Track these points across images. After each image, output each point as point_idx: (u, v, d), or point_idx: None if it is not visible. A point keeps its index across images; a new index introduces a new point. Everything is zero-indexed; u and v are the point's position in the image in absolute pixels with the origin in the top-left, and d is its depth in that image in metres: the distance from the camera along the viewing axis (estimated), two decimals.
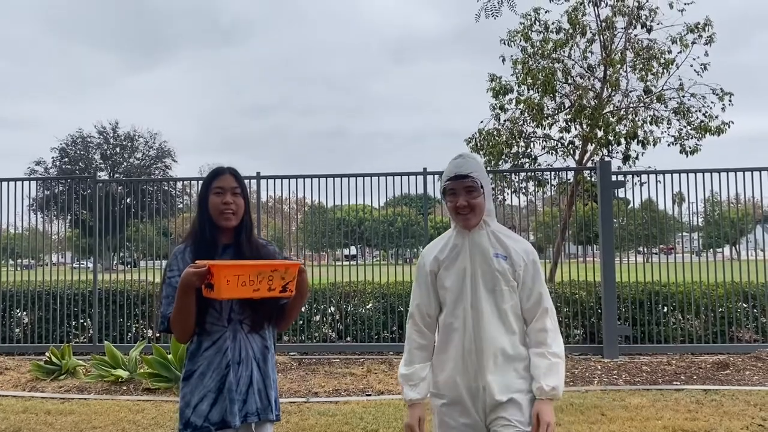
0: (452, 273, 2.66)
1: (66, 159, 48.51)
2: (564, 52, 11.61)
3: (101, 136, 50.10)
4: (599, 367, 7.88)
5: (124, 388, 7.04)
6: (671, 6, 11.33)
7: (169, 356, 7.06)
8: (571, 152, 12.06)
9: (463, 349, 2.60)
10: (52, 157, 48.57)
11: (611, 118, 11.30)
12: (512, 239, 2.70)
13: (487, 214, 2.67)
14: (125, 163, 49.95)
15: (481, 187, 2.63)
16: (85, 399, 6.59)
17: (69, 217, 12.11)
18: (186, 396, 2.60)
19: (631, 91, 11.72)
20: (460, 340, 2.61)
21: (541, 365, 2.56)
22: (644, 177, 9.75)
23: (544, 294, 2.65)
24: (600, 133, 11.27)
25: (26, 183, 10.08)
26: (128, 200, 11.82)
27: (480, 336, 2.59)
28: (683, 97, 11.38)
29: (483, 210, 2.65)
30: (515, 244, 2.68)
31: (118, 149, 50.44)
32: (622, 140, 11.29)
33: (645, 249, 10.58)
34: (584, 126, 11.40)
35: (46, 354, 7.82)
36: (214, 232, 2.66)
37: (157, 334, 9.35)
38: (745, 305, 8.94)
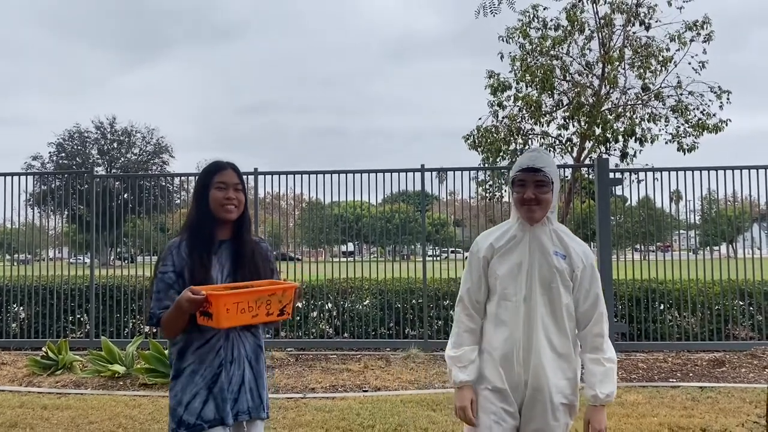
0: (507, 263, 2.65)
1: (63, 154, 48.36)
2: (562, 49, 11.61)
3: (98, 132, 49.95)
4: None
5: (121, 383, 7.04)
6: (670, 4, 11.35)
7: (166, 351, 7.06)
8: (569, 149, 12.07)
9: (512, 341, 2.60)
10: (49, 152, 48.44)
11: (609, 116, 11.31)
12: (573, 240, 2.70)
13: (551, 210, 2.66)
14: (122, 159, 49.81)
15: (552, 183, 2.62)
16: (82, 394, 6.59)
17: (66, 213, 12.09)
18: (177, 394, 2.57)
19: (629, 89, 11.74)
20: (510, 333, 2.61)
21: (597, 372, 2.57)
22: (642, 174, 9.77)
23: (600, 298, 2.65)
24: (598, 131, 11.29)
25: (23, 178, 10.06)
26: (125, 196, 11.78)
27: (530, 331, 2.59)
28: (681, 94, 11.40)
29: (549, 206, 2.64)
30: (576, 245, 2.68)
31: (115, 145, 50.28)
32: (620, 138, 11.31)
33: (642, 246, 10.60)
34: (582, 123, 11.41)
35: (43, 349, 7.81)
36: (213, 226, 2.62)
37: (154, 330, 9.34)
38: (741, 303, 8.96)
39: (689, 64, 11.39)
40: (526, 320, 2.59)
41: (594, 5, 11.48)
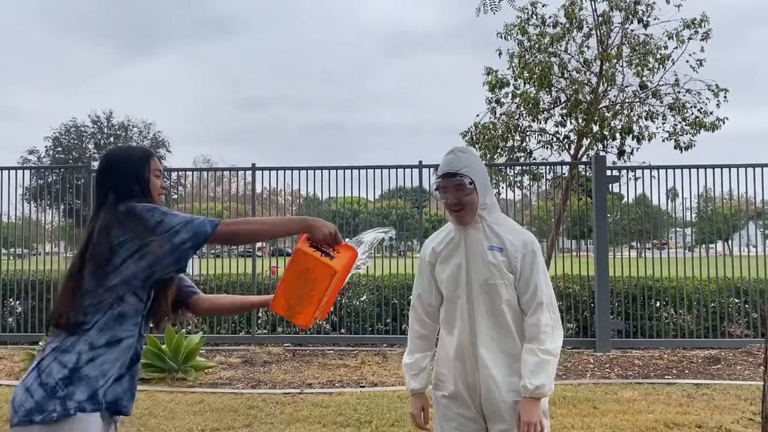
0: (448, 267, 2.65)
1: (59, 148, 48.21)
2: (560, 46, 11.60)
3: (95, 126, 49.83)
4: (592, 361, 7.92)
5: None
6: (668, 1, 11.33)
7: (163, 346, 7.07)
8: (567, 147, 12.07)
9: (460, 343, 2.60)
10: (46, 146, 48.27)
11: (607, 113, 11.31)
12: (511, 230, 2.63)
13: (482, 207, 2.59)
14: None
15: (472, 183, 2.55)
16: None
17: (62, 207, 12.06)
18: (105, 364, 2.12)
19: (626, 86, 11.73)
20: (458, 335, 2.61)
21: (529, 362, 2.48)
22: (639, 172, 9.78)
23: (540, 286, 2.56)
24: (595, 128, 11.29)
25: (19, 172, 10.04)
26: None
27: (475, 331, 2.57)
28: (678, 92, 11.41)
29: (476, 206, 2.57)
30: (513, 235, 2.61)
31: (112, 139, 50.13)
32: (618, 135, 11.31)
33: (638, 244, 10.62)
34: (580, 121, 11.41)
35: (40, 343, 7.81)
36: None
37: (150, 325, 9.33)
38: (737, 300, 9.00)
39: (687, 62, 11.40)
40: (469, 321, 2.58)
41: (592, 2, 11.47)
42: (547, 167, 11.13)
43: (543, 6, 11.69)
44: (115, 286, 2.14)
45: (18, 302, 9.62)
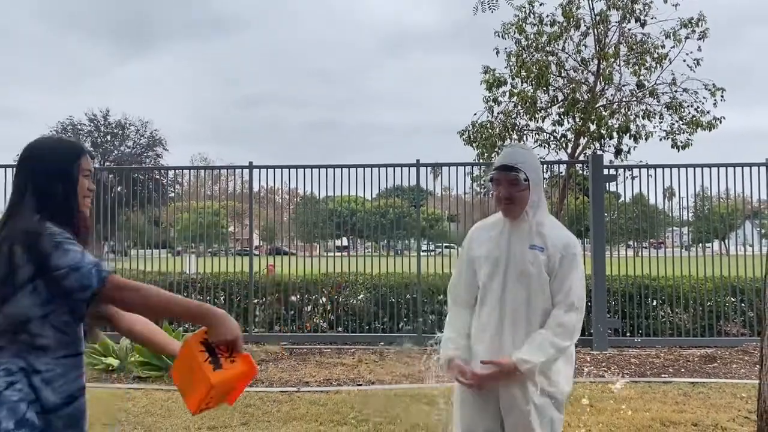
0: (487, 259, 2.71)
1: None
2: (558, 45, 11.63)
3: (92, 124, 49.75)
4: (588, 359, 7.93)
5: (115, 376, 7.04)
6: (665, 0, 11.36)
7: None
8: (564, 145, 12.10)
9: (490, 335, 2.66)
10: None
11: (604, 112, 11.34)
12: (555, 230, 2.70)
13: (531, 205, 2.65)
14: (116, 152, 49.62)
15: (526, 180, 2.62)
16: None
17: None
18: (47, 379, 1.96)
19: (624, 86, 11.77)
20: (488, 327, 2.67)
21: (536, 341, 2.56)
22: (635, 171, 9.80)
23: (574, 288, 2.63)
24: (592, 127, 11.32)
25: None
26: (119, 189, 11.75)
27: (504, 326, 2.63)
28: (676, 91, 11.44)
29: (525, 202, 2.64)
30: (557, 236, 2.67)
31: (108, 137, 50.07)
32: (615, 134, 11.34)
33: (635, 243, 10.65)
34: (577, 119, 11.44)
35: None
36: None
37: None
38: (733, 299, 9.02)
39: (684, 61, 11.44)
40: (501, 315, 2.64)
41: (590, 1, 11.49)
42: (545, 166, 11.14)
43: (540, 5, 11.72)
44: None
45: None
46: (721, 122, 11.25)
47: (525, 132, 12.06)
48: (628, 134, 11.28)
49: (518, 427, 2.60)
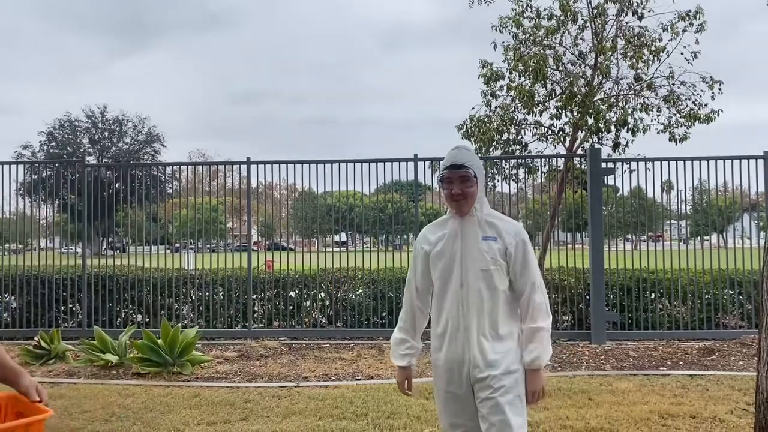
0: (443, 255, 2.88)
1: (54, 143, 48.07)
2: (555, 38, 11.59)
3: (89, 120, 49.66)
4: (587, 353, 7.95)
5: (114, 372, 7.04)
6: None
7: (159, 341, 7.07)
8: (562, 139, 12.08)
9: (452, 327, 2.84)
10: (40, 141, 48.15)
11: (602, 106, 11.31)
12: (502, 221, 2.91)
13: (478, 201, 2.87)
14: (114, 148, 49.55)
15: (475, 177, 2.84)
16: (75, 383, 6.59)
17: (57, 202, 12.02)
18: None
19: (621, 79, 11.73)
20: (450, 319, 2.85)
21: (527, 338, 2.80)
22: (633, 164, 9.79)
23: (532, 270, 2.84)
24: (590, 121, 11.29)
25: (14, 167, 10.00)
26: (117, 185, 11.73)
27: (468, 314, 2.81)
28: (673, 85, 11.41)
29: (475, 198, 2.85)
30: (505, 225, 2.89)
31: (106, 133, 50.01)
32: (612, 127, 11.32)
33: (633, 236, 10.65)
34: (575, 113, 11.41)
35: (36, 338, 7.80)
36: None
37: (147, 320, 9.34)
38: (731, 292, 9.03)
39: (682, 54, 11.40)
40: (462, 304, 2.82)
41: None
42: (543, 160, 11.15)
43: None
44: None
45: (13, 297, 9.60)
46: (718, 115, 11.23)
47: (523, 126, 12.03)
48: (625, 128, 11.24)
49: (487, 407, 2.75)
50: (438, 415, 3.02)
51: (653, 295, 9.08)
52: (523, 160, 11.32)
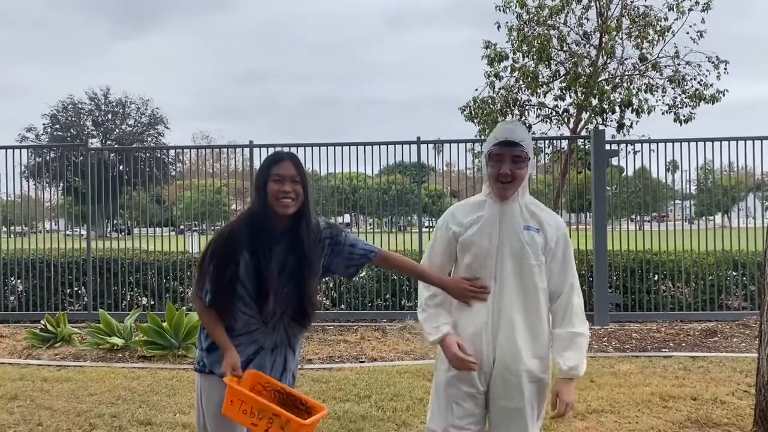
0: (478, 240, 2.57)
1: (57, 126, 48.05)
2: (560, 18, 11.50)
3: (92, 103, 49.58)
4: (590, 334, 7.98)
5: (120, 355, 7.10)
6: None
7: (164, 324, 7.11)
8: (566, 120, 12.03)
9: (480, 320, 2.56)
10: (43, 124, 48.16)
11: (606, 86, 11.25)
12: (545, 211, 2.65)
13: (523, 186, 2.59)
14: (117, 130, 49.53)
15: (528, 158, 2.55)
16: (81, 366, 6.65)
17: (61, 185, 12.06)
18: (208, 364, 2.65)
19: (626, 59, 11.66)
20: (478, 312, 2.57)
21: (563, 343, 2.54)
22: (638, 145, 9.76)
23: (572, 269, 2.60)
24: (594, 102, 11.24)
25: (18, 150, 10.01)
26: (121, 168, 11.76)
27: (500, 310, 2.54)
28: (678, 65, 11.34)
29: (522, 182, 2.57)
30: (548, 216, 2.63)
31: (109, 116, 49.95)
32: (617, 108, 11.27)
33: (638, 217, 10.64)
34: (579, 94, 11.36)
35: (42, 322, 7.86)
36: (271, 219, 2.56)
37: (152, 303, 9.40)
38: (735, 273, 9.03)
39: (687, 33, 11.31)
40: (495, 298, 2.54)
41: None
42: (547, 141, 11.11)
43: None
44: None
45: (19, 281, 9.66)
46: (724, 95, 11.17)
47: (527, 107, 11.98)
48: (630, 108, 11.20)
49: (506, 413, 2.55)
50: (431, 414, 2.69)
51: (656, 277, 9.09)
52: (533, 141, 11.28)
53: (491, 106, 11.79)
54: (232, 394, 2.39)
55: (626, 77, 11.63)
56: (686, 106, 11.35)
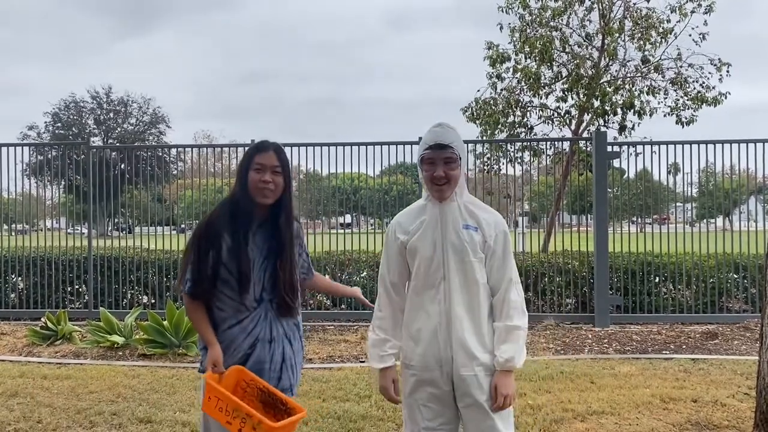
0: (423, 244, 2.64)
1: (59, 124, 48.07)
2: (562, 20, 11.50)
3: (94, 101, 49.59)
4: (590, 336, 7.97)
5: (120, 353, 7.10)
6: None
7: (165, 322, 7.11)
8: (567, 122, 12.04)
9: (433, 321, 2.61)
10: (45, 122, 48.17)
11: (608, 88, 11.25)
12: (484, 210, 2.70)
13: (459, 186, 2.65)
14: (119, 129, 49.54)
15: (459, 158, 2.60)
16: (81, 364, 6.65)
17: (63, 183, 12.07)
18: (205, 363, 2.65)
19: (628, 61, 11.67)
20: (432, 313, 2.62)
21: (500, 336, 2.59)
22: (639, 147, 9.75)
23: (510, 265, 2.66)
24: (596, 103, 11.24)
25: (19, 148, 10.02)
26: (122, 166, 11.76)
27: (450, 308, 2.59)
28: (681, 67, 11.34)
29: (458, 182, 2.63)
30: (487, 215, 2.68)
31: (111, 114, 49.97)
32: (619, 110, 11.27)
33: (639, 219, 10.64)
34: (581, 95, 11.36)
35: (42, 319, 7.86)
36: (250, 207, 2.61)
37: (153, 302, 9.40)
38: (735, 276, 9.02)
39: (689, 35, 11.32)
40: (445, 299, 2.60)
41: None
42: (548, 143, 11.11)
43: None
44: None
45: (20, 278, 9.66)
46: (726, 97, 11.17)
47: (528, 108, 11.98)
48: (632, 110, 11.21)
49: (472, 409, 2.60)
50: (404, 422, 2.75)
51: (657, 279, 9.08)
52: (528, 143, 11.27)
53: (493, 107, 11.80)
54: (210, 391, 2.42)
55: (628, 79, 11.63)
56: (688, 109, 11.35)
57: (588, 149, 10.37)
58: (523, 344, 2.60)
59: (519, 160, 11.26)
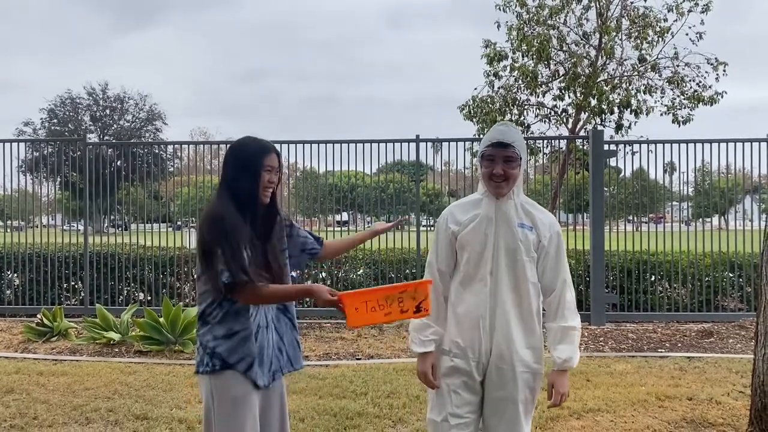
0: (474, 238, 2.69)
1: (55, 120, 47.91)
2: (559, 18, 11.50)
3: (90, 98, 49.42)
4: (586, 334, 7.99)
5: (116, 350, 7.10)
6: None
7: (161, 319, 7.11)
8: (564, 120, 12.05)
9: (477, 313, 2.67)
10: (41, 119, 47.99)
11: (605, 87, 11.26)
12: (539, 210, 2.76)
13: (517, 185, 2.70)
14: (115, 126, 49.40)
15: (520, 158, 2.67)
16: (77, 361, 6.64)
17: (59, 179, 12.03)
18: (224, 354, 2.59)
19: (625, 60, 11.67)
20: (476, 305, 2.68)
21: (556, 337, 2.68)
22: (636, 146, 9.77)
23: (564, 266, 2.73)
24: (593, 102, 11.25)
25: (15, 144, 9.99)
26: (119, 163, 11.73)
27: (495, 303, 2.67)
28: (677, 66, 11.35)
29: (516, 181, 2.68)
30: (542, 215, 2.75)
31: (107, 111, 49.81)
32: (615, 109, 11.28)
33: (635, 218, 10.66)
34: (578, 94, 11.36)
35: (38, 316, 7.85)
36: (257, 205, 2.71)
37: (149, 298, 9.39)
38: (731, 275, 9.05)
39: (686, 35, 11.33)
40: (491, 293, 2.66)
41: None
42: (545, 141, 11.12)
43: None
44: None
45: (15, 275, 9.64)
46: (722, 97, 11.19)
47: (525, 107, 11.99)
48: (629, 109, 11.22)
49: (500, 402, 2.67)
50: (431, 405, 2.80)
51: (653, 278, 9.11)
52: (525, 141, 11.28)
53: (490, 106, 11.80)
54: (353, 302, 2.44)
55: (625, 78, 11.64)
56: (685, 108, 11.37)
57: (585, 148, 10.38)
58: (577, 344, 2.69)
59: None
